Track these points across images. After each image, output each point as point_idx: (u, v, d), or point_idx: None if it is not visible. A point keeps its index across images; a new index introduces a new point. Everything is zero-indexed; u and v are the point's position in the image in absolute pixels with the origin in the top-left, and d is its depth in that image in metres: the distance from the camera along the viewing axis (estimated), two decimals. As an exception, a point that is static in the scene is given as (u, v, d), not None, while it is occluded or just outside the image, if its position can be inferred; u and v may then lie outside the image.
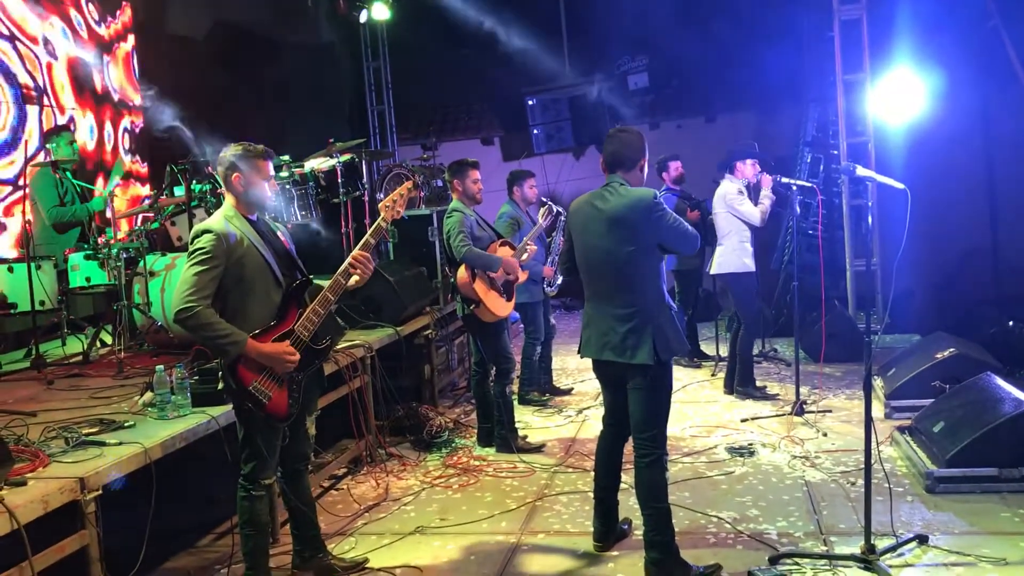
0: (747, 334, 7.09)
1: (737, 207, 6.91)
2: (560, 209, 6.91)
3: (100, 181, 8.26)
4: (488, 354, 6.14)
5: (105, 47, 8.88)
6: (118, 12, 9.17)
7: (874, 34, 8.85)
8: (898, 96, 7.07)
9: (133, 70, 9.32)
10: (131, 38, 9.33)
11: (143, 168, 9.32)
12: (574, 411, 7.12)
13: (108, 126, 8.81)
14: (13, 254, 6.88)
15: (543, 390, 7.56)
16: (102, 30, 8.87)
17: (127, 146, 9.11)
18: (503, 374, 6.10)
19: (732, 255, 6.97)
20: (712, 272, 7.21)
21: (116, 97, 8.98)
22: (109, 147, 8.80)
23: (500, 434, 6.15)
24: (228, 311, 3.77)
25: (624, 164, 4.12)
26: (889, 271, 8.80)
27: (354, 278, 3.96)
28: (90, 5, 8.69)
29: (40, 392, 5.18)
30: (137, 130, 9.26)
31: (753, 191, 7.10)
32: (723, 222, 7.04)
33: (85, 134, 8.40)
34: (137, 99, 9.29)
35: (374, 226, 4.08)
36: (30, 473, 3.49)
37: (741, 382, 7.17)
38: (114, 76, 9.00)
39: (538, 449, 6.17)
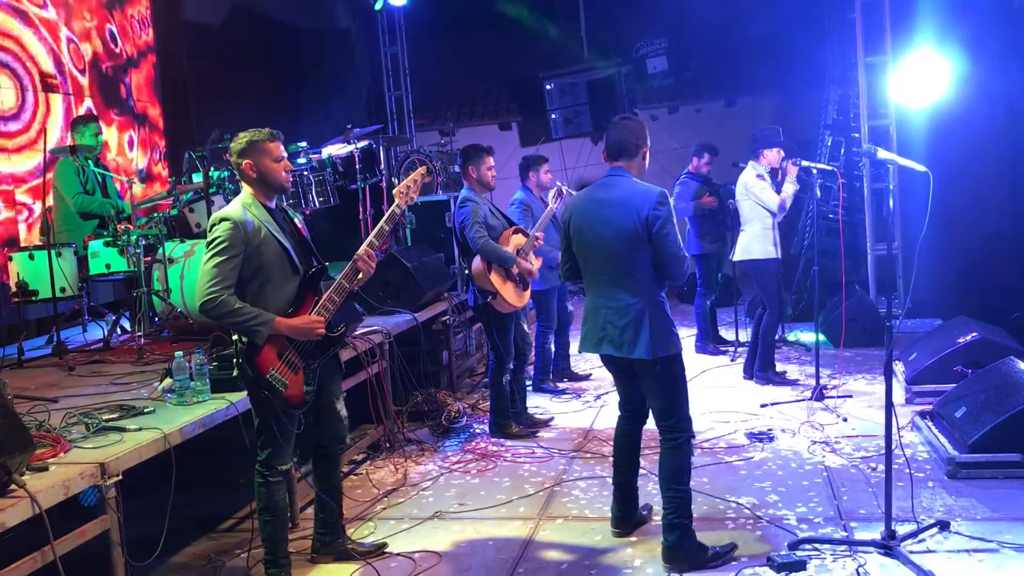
0: (771, 319, 7.04)
1: (757, 193, 6.86)
2: (568, 189, 6.87)
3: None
4: (491, 342, 6.15)
5: (132, 62, 8.88)
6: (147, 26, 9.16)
7: (896, 15, 8.74)
8: (920, 78, 6.96)
9: (156, 88, 9.29)
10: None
11: (164, 171, 9.33)
12: (592, 397, 7.11)
13: (128, 137, 8.80)
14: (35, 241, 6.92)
15: (559, 376, 7.55)
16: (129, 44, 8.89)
17: (149, 157, 9.09)
18: (501, 362, 6.11)
19: (755, 241, 6.92)
20: (735, 259, 7.16)
21: (137, 112, 8.97)
22: (130, 156, 8.78)
23: (496, 421, 6.18)
24: (247, 299, 3.78)
25: (627, 152, 4.11)
26: (911, 255, 8.72)
27: (360, 274, 3.99)
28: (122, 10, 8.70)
29: (61, 378, 5.23)
30: (159, 153, 9.21)
31: (778, 179, 7.02)
32: (746, 208, 6.99)
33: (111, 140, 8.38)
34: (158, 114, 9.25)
35: (388, 212, 4.09)
36: (52, 459, 3.52)
37: (761, 367, 7.13)
38: (136, 89, 9.00)
39: (545, 424, 6.30)
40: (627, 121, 4.17)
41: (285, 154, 3.95)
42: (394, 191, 4.15)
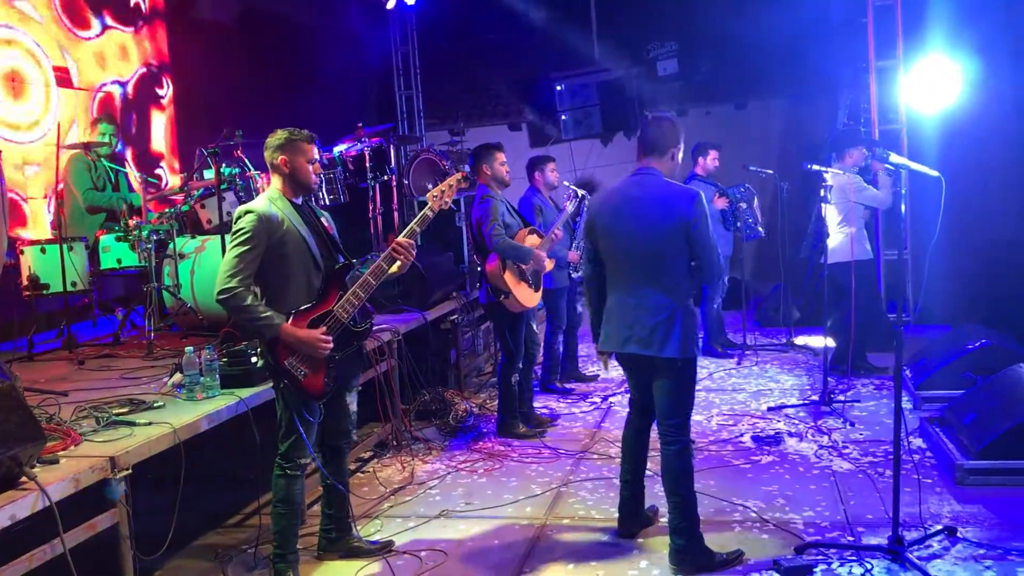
0: (846, 320, 6.88)
1: (863, 197, 6.78)
2: (584, 192, 6.85)
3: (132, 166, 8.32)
4: (501, 341, 6.17)
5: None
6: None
7: (908, 19, 8.71)
8: (932, 83, 6.94)
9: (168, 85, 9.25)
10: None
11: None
12: (599, 398, 7.11)
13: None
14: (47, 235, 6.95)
15: (567, 377, 7.55)
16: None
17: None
18: (511, 361, 6.13)
19: (854, 242, 6.79)
20: (831, 261, 6.95)
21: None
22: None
23: (503, 420, 6.20)
24: (269, 291, 3.87)
25: (658, 149, 4.11)
26: (921, 261, 8.70)
27: (397, 263, 4.02)
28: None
29: (72, 372, 5.26)
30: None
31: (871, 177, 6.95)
32: (836, 211, 6.87)
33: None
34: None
35: (420, 215, 4.14)
36: (62, 452, 3.55)
37: (839, 358, 7.08)
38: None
39: (551, 422, 6.36)
40: (662, 119, 4.18)
41: (317, 157, 4.04)
42: (428, 195, 4.21)
